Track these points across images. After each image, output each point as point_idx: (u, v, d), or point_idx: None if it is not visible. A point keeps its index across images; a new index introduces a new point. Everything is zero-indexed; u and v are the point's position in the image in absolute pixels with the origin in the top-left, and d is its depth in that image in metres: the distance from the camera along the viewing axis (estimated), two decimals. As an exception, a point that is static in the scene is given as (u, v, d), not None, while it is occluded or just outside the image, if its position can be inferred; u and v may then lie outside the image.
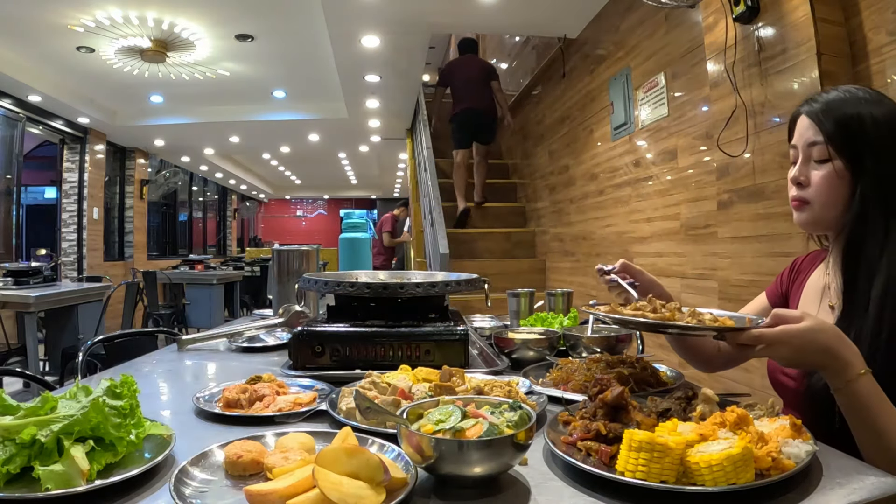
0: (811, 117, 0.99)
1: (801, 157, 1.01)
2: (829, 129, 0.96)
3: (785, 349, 0.82)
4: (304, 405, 0.93)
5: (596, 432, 0.72)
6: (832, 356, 0.82)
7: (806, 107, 1.01)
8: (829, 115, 0.97)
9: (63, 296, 4.34)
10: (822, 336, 0.82)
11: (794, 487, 0.63)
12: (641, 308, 0.99)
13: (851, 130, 0.95)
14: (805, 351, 0.82)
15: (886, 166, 0.93)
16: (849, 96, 0.97)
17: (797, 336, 0.81)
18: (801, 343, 0.81)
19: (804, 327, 0.81)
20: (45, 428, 0.65)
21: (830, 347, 0.82)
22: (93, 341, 1.72)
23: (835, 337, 0.82)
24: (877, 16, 1.82)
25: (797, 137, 1.02)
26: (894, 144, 0.94)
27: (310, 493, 0.58)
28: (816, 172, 0.99)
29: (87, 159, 7.46)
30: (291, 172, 14.58)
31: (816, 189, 0.99)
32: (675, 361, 2.96)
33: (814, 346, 0.81)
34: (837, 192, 0.97)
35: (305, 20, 4.72)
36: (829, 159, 0.96)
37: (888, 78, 1.79)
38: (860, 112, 0.95)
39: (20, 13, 4.52)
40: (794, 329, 0.81)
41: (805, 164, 1.01)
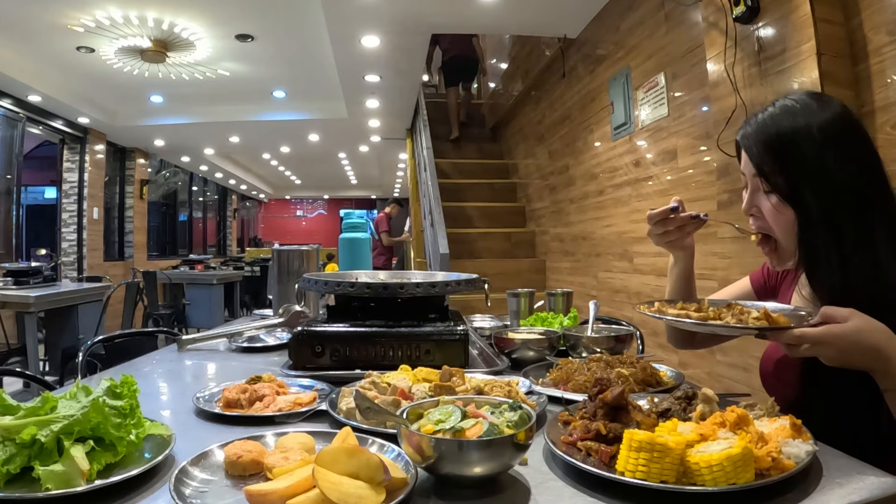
0: (744, 146, 0.95)
1: (749, 186, 0.98)
2: (760, 161, 0.92)
3: (829, 350, 0.79)
4: (304, 405, 0.93)
5: (596, 432, 0.72)
6: (880, 358, 0.78)
7: (740, 132, 0.97)
8: (759, 140, 0.92)
9: (63, 296, 4.34)
10: (868, 337, 0.78)
11: (794, 487, 0.63)
12: (686, 308, 0.99)
13: (784, 155, 0.90)
14: (850, 352, 0.79)
15: (826, 189, 0.88)
16: (782, 111, 0.92)
17: (842, 337, 0.78)
18: (847, 344, 0.78)
19: (850, 328, 0.78)
20: (45, 428, 0.65)
21: (878, 349, 0.78)
22: (93, 341, 1.71)
23: (884, 338, 0.78)
24: (877, 16, 1.82)
25: (743, 165, 0.98)
26: (835, 156, 0.87)
27: (310, 493, 0.58)
28: (766, 203, 0.95)
29: (87, 159, 7.46)
30: (291, 172, 14.58)
31: (770, 222, 0.96)
32: (675, 361, 2.96)
33: (859, 348, 0.78)
34: (787, 223, 0.93)
35: (305, 20, 4.72)
36: (772, 190, 0.93)
37: (888, 78, 1.79)
38: (795, 127, 0.89)
39: (20, 13, 4.52)
40: (839, 330, 0.78)
41: (755, 193, 0.97)
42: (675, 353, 2.98)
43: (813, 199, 0.88)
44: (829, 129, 0.88)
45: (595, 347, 1.30)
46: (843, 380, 0.85)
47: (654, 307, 1.03)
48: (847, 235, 0.87)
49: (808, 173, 0.88)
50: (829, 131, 0.88)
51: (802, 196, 0.89)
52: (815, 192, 0.88)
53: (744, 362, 2.26)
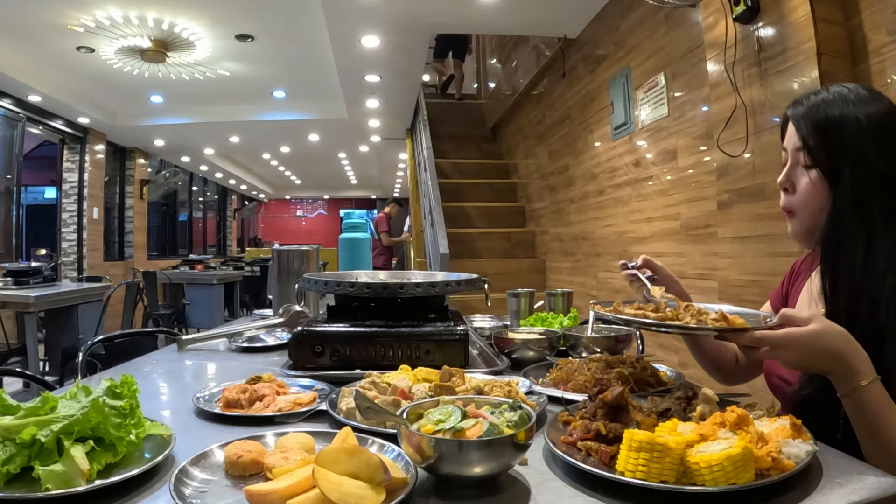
0: (794, 121, 0.97)
1: (789, 161, 0.99)
2: (806, 136, 0.94)
3: (789, 353, 0.80)
4: (304, 405, 0.93)
5: (596, 432, 0.72)
6: (839, 362, 0.79)
7: (791, 109, 0.99)
8: (809, 119, 0.94)
9: (63, 296, 4.34)
10: (828, 340, 0.79)
11: (794, 487, 0.63)
12: (643, 308, 0.99)
13: (831, 136, 0.91)
14: (810, 355, 0.79)
15: (864, 173, 0.89)
16: (835, 97, 0.94)
17: (801, 340, 0.79)
18: (806, 347, 0.79)
19: (810, 331, 0.79)
20: (45, 428, 0.65)
21: (837, 353, 0.79)
22: (93, 341, 1.72)
23: (843, 342, 0.79)
24: (877, 16, 1.82)
25: (787, 140, 1.00)
26: (878, 148, 0.89)
27: (310, 493, 0.58)
28: (803, 179, 0.96)
29: (87, 159, 7.46)
30: (291, 172, 14.58)
31: (800, 196, 0.97)
32: (675, 361, 2.96)
33: (819, 351, 0.79)
34: (819, 200, 0.94)
35: (305, 20, 4.72)
36: (815, 164, 0.94)
37: (888, 78, 1.79)
38: (844, 114, 0.91)
39: (20, 13, 4.52)
40: (798, 333, 0.79)
41: (793, 168, 0.99)
42: (676, 353, 2.98)
43: (850, 180, 0.90)
44: (876, 120, 0.91)
45: (595, 347, 1.30)
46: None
47: (610, 307, 1.03)
48: (875, 221, 0.88)
49: (850, 156, 0.90)
50: (875, 122, 0.90)
51: (841, 175, 0.91)
52: (854, 173, 0.90)
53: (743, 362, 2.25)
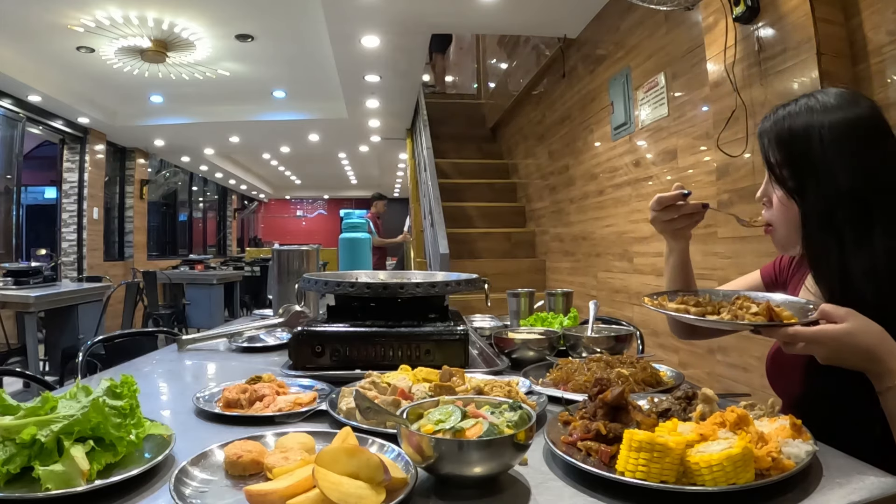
0: (759, 139, 0.98)
1: (766, 176, 0.99)
2: (768, 154, 0.95)
3: (823, 349, 0.80)
4: (304, 405, 0.93)
5: (596, 432, 0.72)
6: (873, 360, 0.79)
7: (761, 125, 0.99)
8: (773, 134, 0.95)
9: (63, 296, 4.34)
10: (862, 339, 0.78)
11: (794, 487, 0.63)
12: (686, 302, 1.00)
13: (793, 152, 0.91)
14: (843, 353, 0.79)
15: (830, 187, 0.88)
16: (801, 108, 0.93)
17: (835, 338, 0.79)
18: (840, 345, 0.79)
19: (843, 329, 0.78)
20: (45, 428, 0.65)
21: (871, 351, 0.78)
22: (93, 341, 1.71)
23: (877, 340, 0.79)
24: (877, 16, 1.82)
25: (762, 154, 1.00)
26: (842, 158, 0.88)
27: (310, 493, 0.58)
28: (777, 194, 0.97)
29: (87, 159, 7.46)
30: (291, 172, 14.58)
31: (775, 211, 0.99)
32: (675, 361, 2.96)
33: (853, 349, 0.79)
34: (789, 215, 0.95)
35: (305, 20, 4.72)
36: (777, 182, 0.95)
37: (888, 78, 1.79)
38: (808, 125, 0.90)
39: (20, 13, 4.52)
40: (832, 331, 0.79)
41: (769, 183, 0.99)
42: (676, 353, 2.98)
43: (815, 196, 0.90)
44: (841, 129, 0.88)
45: (595, 347, 1.30)
46: (847, 378, 0.85)
47: (656, 301, 1.04)
48: (846, 236, 0.88)
49: (814, 170, 0.89)
50: (839, 131, 0.88)
51: (806, 191, 0.91)
52: (819, 188, 0.89)
53: (744, 362, 2.26)
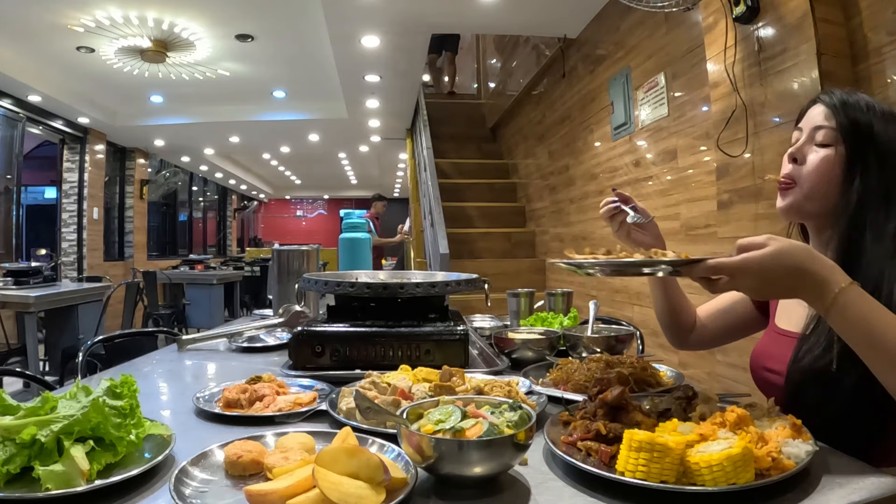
0: (827, 105, 0.99)
1: (804, 138, 1.00)
2: (840, 118, 0.96)
3: (750, 279, 0.75)
4: (304, 405, 0.93)
5: (596, 432, 0.72)
6: (806, 276, 0.75)
7: (824, 96, 1.01)
8: (844, 108, 0.97)
9: (63, 296, 4.34)
10: (789, 258, 0.74)
11: (794, 487, 0.63)
12: (594, 252, 0.96)
13: (861, 129, 0.94)
14: (773, 278, 0.75)
15: (889, 173, 0.92)
16: (866, 105, 0.97)
17: (760, 263, 0.74)
18: (767, 271, 0.74)
19: (768, 253, 0.74)
20: (45, 428, 0.65)
21: (802, 268, 0.74)
22: (93, 341, 1.72)
23: (805, 256, 0.75)
24: (877, 16, 1.82)
25: (805, 121, 1.02)
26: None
27: (310, 493, 0.58)
28: (815, 154, 0.97)
29: (87, 159, 7.46)
30: (291, 172, 14.58)
31: (810, 168, 0.97)
32: (675, 361, 2.96)
33: (782, 270, 0.74)
34: (830, 177, 0.95)
35: (305, 20, 4.72)
36: (833, 144, 0.95)
37: (888, 78, 1.79)
38: (872, 121, 0.95)
39: (20, 13, 4.52)
40: (756, 256, 0.74)
41: (806, 143, 1.00)
42: (676, 353, 2.98)
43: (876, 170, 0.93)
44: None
45: (595, 347, 1.30)
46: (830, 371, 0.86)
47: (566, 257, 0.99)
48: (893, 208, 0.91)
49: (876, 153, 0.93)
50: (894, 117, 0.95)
51: (867, 160, 0.93)
52: (883, 162, 0.93)
53: (744, 362, 2.25)
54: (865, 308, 0.74)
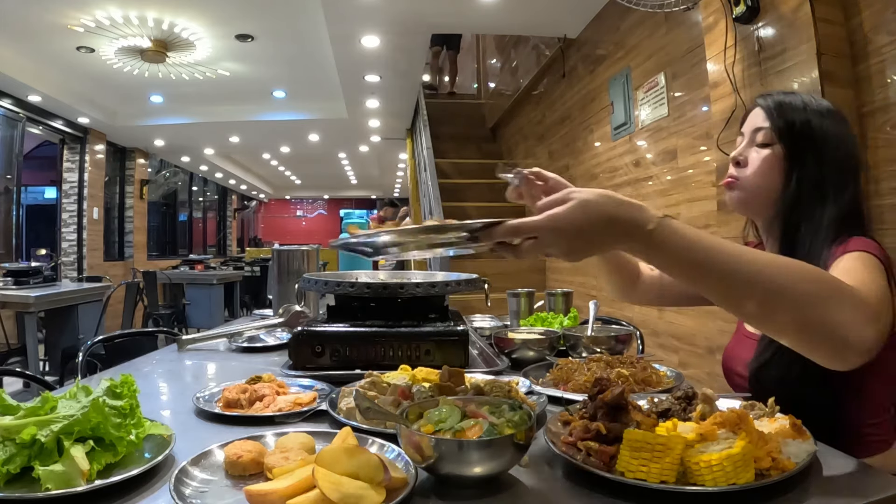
0: (764, 108, 1.05)
1: (745, 141, 1.06)
2: (776, 120, 1.02)
3: (559, 237, 0.69)
4: (304, 405, 0.93)
5: (596, 432, 0.72)
6: (616, 224, 0.69)
7: (761, 100, 1.07)
8: (780, 109, 1.03)
9: (63, 296, 4.33)
10: (595, 209, 0.69)
11: (794, 487, 0.63)
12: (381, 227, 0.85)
13: (797, 128, 1.00)
14: (584, 231, 0.69)
15: (824, 167, 0.98)
16: (800, 103, 1.03)
17: (566, 218, 0.68)
18: (575, 225, 0.68)
19: (572, 205, 0.69)
20: (45, 428, 0.65)
21: (610, 216, 0.69)
22: (93, 341, 1.72)
23: (611, 203, 0.69)
24: (877, 16, 1.82)
25: (746, 125, 1.08)
26: (834, 156, 0.98)
27: (310, 493, 0.58)
28: (756, 154, 1.03)
29: (87, 159, 7.46)
30: (291, 172, 14.58)
31: (752, 169, 1.03)
32: (675, 361, 2.96)
33: (591, 222, 0.68)
34: (771, 175, 1.01)
35: (305, 20, 4.72)
36: (771, 144, 1.01)
37: (888, 78, 1.79)
38: (809, 119, 1.00)
39: (20, 13, 4.52)
40: (561, 210, 0.69)
41: (748, 146, 1.06)
42: (676, 353, 2.98)
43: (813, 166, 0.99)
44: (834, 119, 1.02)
45: (595, 347, 1.30)
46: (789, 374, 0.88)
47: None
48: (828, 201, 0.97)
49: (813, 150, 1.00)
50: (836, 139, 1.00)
51: (804, 160, 0.99)
52: (816, 163, 0.99)
53: (744, 362, 2.25)
54: (685, 238, 0.69)
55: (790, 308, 0.67)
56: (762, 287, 0.67)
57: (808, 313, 0.66)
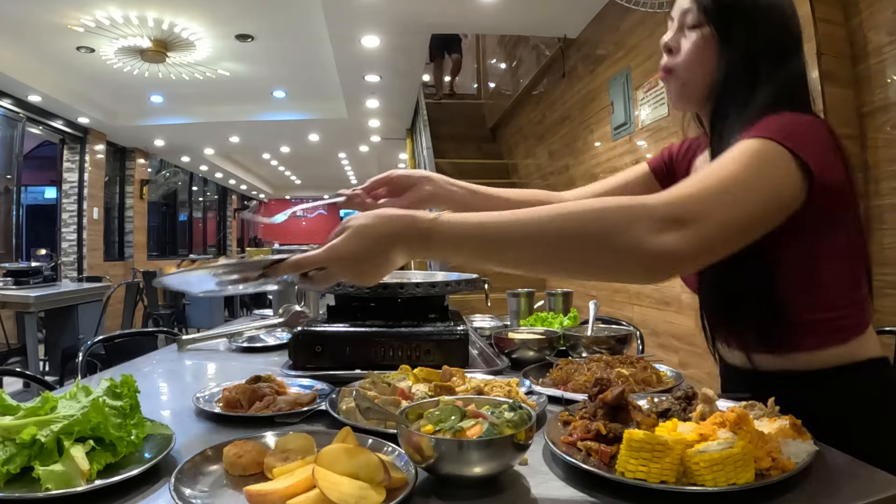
0: None
1: (675, 25, 0.97)
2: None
3: (342, 266, 0.71)
4: (304, 405, 0.93)
5: (596, 432, 0.72)
6: (392, 238, 0.70)
7: None
8: None
9: (63, 296, 4.34)
10: (370, 231, 0.70)
11: (794, 487, 0.63)
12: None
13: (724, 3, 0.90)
14: (362, 257, 0.71)
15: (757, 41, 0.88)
16: None
17: (343, 247, 0.70)
18: (352, 252, 0.70)
19: (349, 233, 0.71)
20: (45, 428, 0.65)
21: (383, 235, 0.70)
22: (93, 341, 1.72)
23: (382, 222, 0.71)
24: (877, 16, 1.82)
25: (675, 8, 0.98)
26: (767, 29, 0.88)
27: (310, 493, 0.58)
28: (686, 40, 0.95)
29: (87, 159, 7.47)
30: (291, 172, 14.59)
31: (684, 55, 0.95)
32: (675, 361, 2.96)
33: (367, 249, 0.70)
34: (703, 58, 0.92)
35: (305, 20, 4.72)
36: (699, 25, 0.92)
37: (888, 78, 1.79)
38: None
39: (20, 13, 4.52)
40: (340, 241, 0.71)
41: (678, 31, 0.96)
42: (676, 353, 2.98)
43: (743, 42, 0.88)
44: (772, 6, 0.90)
45: (595, 347, 1.30)
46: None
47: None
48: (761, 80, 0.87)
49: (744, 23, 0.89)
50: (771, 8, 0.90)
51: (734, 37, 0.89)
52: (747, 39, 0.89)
53: (744, 362, 2.25)
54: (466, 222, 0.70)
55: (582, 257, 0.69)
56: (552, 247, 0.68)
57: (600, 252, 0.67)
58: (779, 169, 0.74)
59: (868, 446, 0.72)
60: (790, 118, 0.79)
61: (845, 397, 0.85)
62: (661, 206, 0.67)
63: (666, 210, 0.67)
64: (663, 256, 0.65)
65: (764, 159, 0.73)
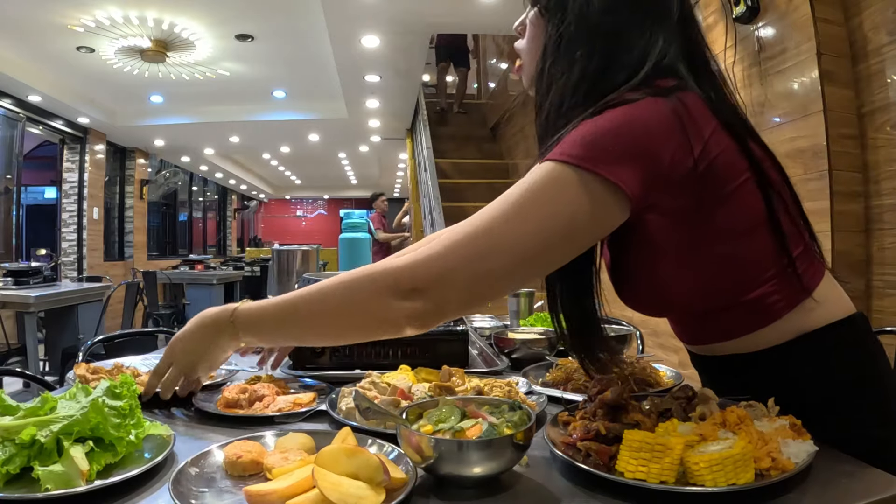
0: None
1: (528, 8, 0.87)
2: None
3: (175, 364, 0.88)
4: (304, 405, 0.93)
5: (596, 432, 0.72)
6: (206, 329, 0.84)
7: None
8: None
9: (63, 296, 4.34)
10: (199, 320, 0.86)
11: (794, 487, 0.63)
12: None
13: None
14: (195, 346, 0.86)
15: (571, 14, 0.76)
16: None
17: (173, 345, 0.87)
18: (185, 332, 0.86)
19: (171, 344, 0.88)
20: (44, 428, 0.65)
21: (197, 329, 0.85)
22: (93, 341, 1.72)
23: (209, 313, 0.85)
24: (877, 16, 1.82)
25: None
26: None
27: (310, 494, 0.58)
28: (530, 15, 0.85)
29: (87, 159, 7.47)
30: (291, 172, 14.59)
31: (527, 37, 0.86)
32: (675, 361, 2.95)
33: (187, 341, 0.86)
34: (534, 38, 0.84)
35: (305, 20, 4.72)
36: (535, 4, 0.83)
37: (888, 78, 1.79)
38: None
39: (20, 13, 4.52)
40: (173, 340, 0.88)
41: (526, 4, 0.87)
42: (676, 353, 2.98)
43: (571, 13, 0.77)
44: None
45: (595, 347, 1.29)
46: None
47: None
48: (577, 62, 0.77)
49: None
50: None
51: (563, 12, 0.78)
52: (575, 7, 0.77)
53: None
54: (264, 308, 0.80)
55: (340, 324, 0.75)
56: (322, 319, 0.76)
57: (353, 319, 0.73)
58: (565, 195, 0.67)
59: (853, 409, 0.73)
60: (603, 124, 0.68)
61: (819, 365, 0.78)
62: (403, 274, 0.69)
63: (404, 278, 0.69)
64: (411, 319, 0.70)
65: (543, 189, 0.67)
